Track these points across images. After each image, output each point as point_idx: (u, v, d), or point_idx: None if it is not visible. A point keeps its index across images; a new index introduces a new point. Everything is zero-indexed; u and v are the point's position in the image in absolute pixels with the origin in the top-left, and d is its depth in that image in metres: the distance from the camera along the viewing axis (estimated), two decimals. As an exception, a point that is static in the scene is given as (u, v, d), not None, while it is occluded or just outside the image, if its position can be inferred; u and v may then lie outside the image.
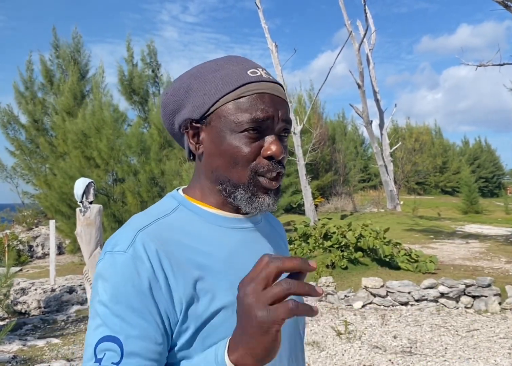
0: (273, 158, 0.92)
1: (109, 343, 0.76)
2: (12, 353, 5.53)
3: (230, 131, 0.90)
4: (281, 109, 0.94)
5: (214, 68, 0.95)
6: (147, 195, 11.45)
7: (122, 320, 0.78)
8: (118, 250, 0.82)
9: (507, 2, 9.98)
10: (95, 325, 0.79)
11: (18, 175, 18.83)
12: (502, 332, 5.79)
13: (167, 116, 1.00)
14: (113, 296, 0.79)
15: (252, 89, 0.91)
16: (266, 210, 0.93)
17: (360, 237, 8.72)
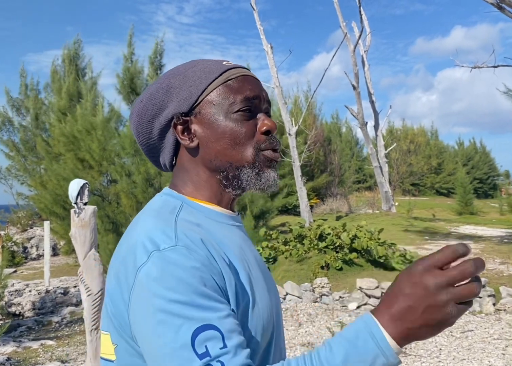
0: (269, 132, 0.95)
1: (204, 333, 0.73)
2: (6, 354, 5.51)
3: (224, 114, 0.93)
4: (263, 90, 0.99)
5: (190, 66, 0.98)
6: (142, 196, 11.42)
7: (204, 307, 0.75)
8: (167, 247, 0.79)
9: (501, 4, 10.03)
10: (175, 326, 0.73)
11: (13, 176, 18.80)
12: (496, 333, 5.81)
13: (144, 124, 0.98)
14: (184, 290, 0.75)
15: (235, 72, 0.96)
16: (272, 185, 0.95)
17: (354, 238, 8.73)
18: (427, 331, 0.72)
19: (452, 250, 0.73)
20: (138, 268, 0.79)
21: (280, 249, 9.35)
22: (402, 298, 0.73)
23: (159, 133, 0.98)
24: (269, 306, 0.91)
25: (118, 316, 0.84)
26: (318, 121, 26.17)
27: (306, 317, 6.69)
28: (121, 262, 0.84)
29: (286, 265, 8.94)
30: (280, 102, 16.87)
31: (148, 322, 0.76)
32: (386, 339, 0.72)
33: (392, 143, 23.08)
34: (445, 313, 0.70)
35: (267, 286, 0.95)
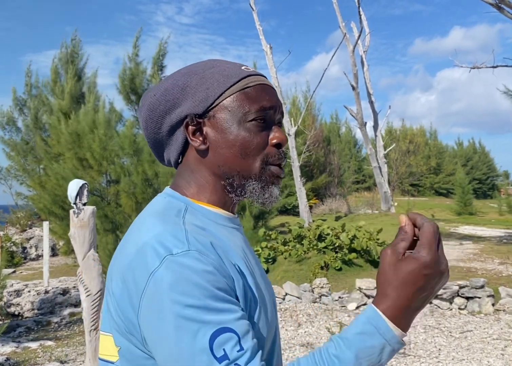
0: (280, 145, 0.95)
1: (221, 337, 0.74)
2: (5, 355, 5.51)
3: (237, 121, 0.92)
4: (279, 101, 0.98)
5: (209, 66, 0.96)
6: (141, 197, 11.42)
7: (220, 311, 0.75)
8: (179, 251, 0.78)
9: (500, 5, 10.04)
10: (192, 331, 0.73)
11: (12, 176, 18.82)
12: (495, 333, 5.81)
13: (154, 119, 0.96)
14: (199, 294, 0.75)
15: (253, 80, 0.94)
16: (274, 201, 0.95)
17: (354, 238, 8.73)
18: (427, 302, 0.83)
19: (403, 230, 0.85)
20: (151, 273, 0.78)
21: (279, 249, 9.35)
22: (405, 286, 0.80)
23: (168, 129, 0.97)
24: (271, 307, 0.92)
25: (125, 320, 0.83)
26: (318, 121, 26.19)
27: (305, 317, 6.69)
28: (129, 265, 0.82)
29: (286, 265, 8.94)
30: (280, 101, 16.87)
31: (164, 328, 0.76)
32: (391, 329, 0.79)
33: (391, 143, 23.10)
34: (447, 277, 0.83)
35: (268, 289, 0.96)
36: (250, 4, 17.05)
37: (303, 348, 5.41)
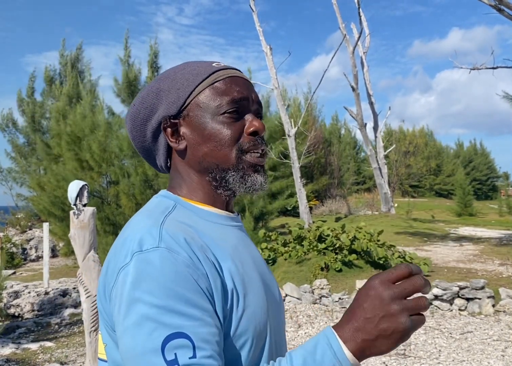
0: (257, 133, 0.95)
1: (175, 341, 0.72)
2: (5, 356, 5.51)
3: (210, 116, 0.93)
4: (253, 91, 0.99)
5: (180, 68, 0.98)
6: (141, 198, 11.42)
7: (180, 314, 0.74)
8: (149, 248, 0.78)
9: (499, 6, 10.04)
10: (148, 330, 0.73)
11: (12, 177, 18.84)
12: (495, 334, 5.81)
13: (137, 127, 0.99)
14: (162, 294, 0.74)
15: (223, 74, 0.95)
16: (259, 189, 0.95)
17: (354, 239, 8.72)
18: (384, 343, 0.75)
19: (406, 266, 0.78)
20: (120, 269, 0.79)
21: (279, 250, 9.34)
22: (360, 311, 0.76)
23: (152, 136, 0.99)
24: (264, 309, 0.90)
25: (107, 313, 0.84)
26: (318, 122, 26.20)
27: (305, 318, 6.69)
28: (110, 260, 0.85)
29: (286, 266, 8.93)
30: (279, 103, 16.87)
31: (124, 323, 0.76)
32: (343, 351, 0.75)
33: (390, 144, 23.09)
34: (398, 322, 0.74)
35: (265, 288, 0.95)
36: (250, 5, 17.05)
37: (303, 349, 5.41)
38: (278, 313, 1.00)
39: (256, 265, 0.97)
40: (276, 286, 1.05)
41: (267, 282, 0.98)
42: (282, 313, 1.04)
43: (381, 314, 0.74)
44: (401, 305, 0.74)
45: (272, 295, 0.99)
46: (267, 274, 1.02)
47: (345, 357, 0.74)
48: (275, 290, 1.03)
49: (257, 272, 0.95)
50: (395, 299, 0.75)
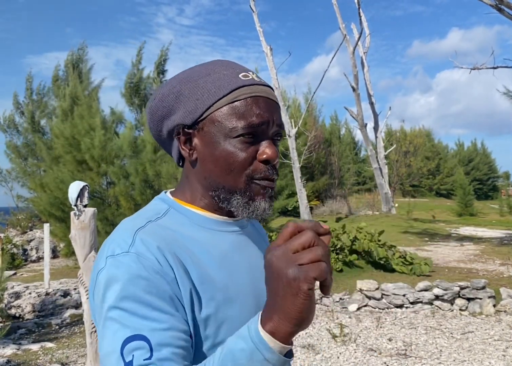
0: (269, 162, 0.91)
1: (134, 343, 0.73)
2: (6, 357, 5.50)
3: (224, 136, 0.89)
4: (275, 113, 0.93)
5: (205, 72, 0.93)
6: (140, 198, 11.42)
7: (142, 317, 0.75)
8: (119, 253, 0.80)
9: (500, 6, 10.04)
10: (112, 331, 0.75)
11: (13, 178, 18.87)
12: (496, 334, 5.81)
13: (155, 122, 0.97)
14: (125, 297, 0.76)
15: (245, 92, 0.89)
16: (261, 215, 0.92)
17: (355, 239, 8.72)
18: (289, 304, 0.68)
19: (293, 223, 0.72)
20: (98, 272, 0.82)
21: (280, 250, 9.33)
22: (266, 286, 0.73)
23: (167, 134, 0.98)
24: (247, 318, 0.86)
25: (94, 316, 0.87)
26: (318, 123, 26.20)
27: (306, 319, 6.68)
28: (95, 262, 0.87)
29: (286, 266, 8.93)
30: (280, 104, 16.87)
31: (98, 323, 0.81)
32: (260, 333, 0.70)
33: (391, 144, 23.08)
34: (284, 275, 0.68)
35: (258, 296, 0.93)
36: (250, 5, 17.06)
37: (304, 349, 5.40)
38: None
39: (250, 272, 0.95)
40: None
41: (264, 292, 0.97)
42: None
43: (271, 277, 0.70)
44: (284, 259, 0.68)
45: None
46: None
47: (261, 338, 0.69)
48: None
49: (250, 280, 0.94)
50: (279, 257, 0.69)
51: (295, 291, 0.67)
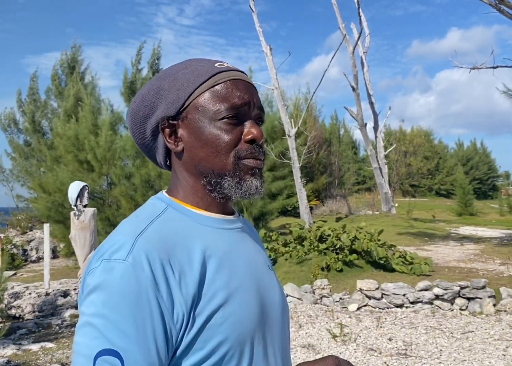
0: (254, 141, 0.93)
1: (109, 357, 0.73)
2: (6, 357, 5.50)
3: (209, 120, 0.91)
4: (255, 95, 0.96)
5: (182, 67, 0.96)
6: (142, 199, 11.42)
7: (123, 333, 0.74)
8: (116, 258, 0.79)
9: (500, 5, 10.04)
10: (92, 335, 0.75)
11: (14, 178, 18.88)
12: (496, 333, 5.81)
13: (137, 124, 0.97)
14: (113, 308, 0.75)
15: (224, 77, 0.93)
16: (255, 193, 0.93)
17: (355, 239, 8.73)
18: None
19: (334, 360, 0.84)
20: (89, 271, 0.81)
21: (280, 250, 9.34)
22: None
23: (151, 134, 0.97)
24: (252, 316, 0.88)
25: None
26: (318, 123, 26.19)
27: (306, 318, 6.68)
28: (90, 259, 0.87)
29: (286, 266, 8.93)
30: (280, 103, 16.87)
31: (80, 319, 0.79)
32: None
33: (391, 144, 23.08)
34: None
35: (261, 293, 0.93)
36: (250, 5, 17.06)
37: (304, 349, 5.41)
38: (277, 318, 0.98)
39: (252, 270, 0.95)
40: (277, 291, 1.02)
41: (265, 287, 0.97)
42: (284, 317, 1.02)
43: None
44: None
45: (270, 300, 0.97)
46: (266, 278, 1.00)
47: None
48: (275, 295, 1.00)
49: (253, 277, 0.94)
50: None
51: None
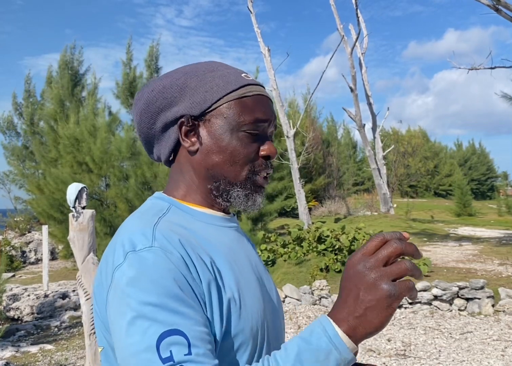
0: (269, 157, 0.97)
1: (171, 338, 0.72)
2: (5, 359, 5.50)
3: (231, 129, 0.92)
4: (274, 113, 0.99)
5: (210, 68, 0.97)
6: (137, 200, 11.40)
7: (175, 312, 0.74)
8: (142, 248, 0.79)
9: (497, 6, 10.05)
10: (143, 328, 0.73)
11: (11, 180, 18.86)
12: (495, 334, 5.81)
13: (149, 114, 0.97)
14: (156, 292, 0.75)
15: (252, 90, 0.95)
16: (256, 209, 0.97)
17: (353, 240, 8.73)
18: (373, 315, 0.74)
19: (378, 235, 0.78)
20: (115, 269, 0.80)
21: (278, 251, 9.34)
22: (345, 292, 0.77)
23: (162, 126, 0.97)
24: (260, 310, 0.90)
25: (102, 315, 0.85)
26: (317, 123, 26.21)
27: (305, 319, 6.68)
28: (103, 261, 0.86)
29: (285, 267, 8.93)
30: (278, 104, 16.88)
31: (120, 322, 0.76)
32: (338, 334, 0.74)
33: (389, 145, 23.09)
34: (380, 289, 0.73)
35: (262, 290, 0.95)
36: (248, 7, 17.07)
37: (303, 350, 5.41)
38: (276, 316, 1.00)
39: (252, 267, 0.97)
40: (274, 289, 1.05)
41: (264, 284, 0.99)
42: (280, 316, 1.04)
43: (362, 287, 0.74)
44: (379, 272, 0.74)
45: (269, 297, 0.99)
46: (264, 276, 1.02)
47: (340, 340, 0.74)
48: (273, 293, 1.03)
49: (253, 274, 0.95)
50: (372, 269, 0.74)
51: (385, 306, 0.73)
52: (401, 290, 0.73)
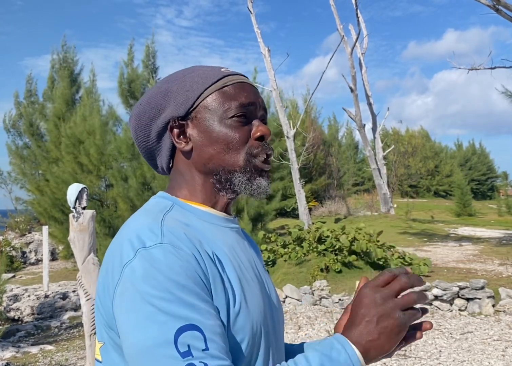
0: (263, 138, 0.97)
1: (188, 333, 0.73)
2: (5, 360, 5.50)
3: (218, 119, 0.94)
4: (260, 97, 1.01)
5: (188, 71, 1.00)
6: (138, 200, 11.41)
7: (190, 306, 0.75)
8: (152, 244, 0.80)
9: (497, 6, 10.05)
10: (160, 323, 0.74)
11: (12, 180, 18.87)
12: (496, 334, 5.81)
13: (142, 126, 0.99)
14: (171, 287, 0.75)
15: (232, 79, 0.97)
16: (263, 192, 0.97)
17: (354, 240, 8.72)
18: (386, 340, 0.83)
19: (389, 271, 0.88)
20: (124, 265, 0.80)
21: (279, 252, 9.34)
22: (359, 317, 0.85)
23: (156, 135, 0.99)
24: (261, 310, 0.91)
25: (105, 311, 0.85)
26: (317, 124, 26.20)
27: (305, 320, 6.68)
28: (109, 258, 0.85)
29: (285, 268, 8.93)
30: (278, 105, 16.89)
31: (132, 317, 0.76)
32: (356, 353, 0.82)
33: (389, 145, 23.09)
34: (394, 318, 0.82)
35: (262, 290, 0.96)
36: (248, 7, 17.07)
37: (303, 350, 5.40)
38: (276, 316, 1.00)
39: (253, 267, 0.97)
40: (274, 290, 1.05)
41: (264, 284, 0.99)
42: (280, 316, 1.04)
43: (378, 315, 0.83)
44: (392, 303, 0.83)
45: (269, 297, 0.99)
46: (264, 277, 1.02)
47: (357, 358, 0.81)
48: (273, 293, 1.03)
49: (254, 274, 0.96)
50: (387, 299, 0.84)
51: (396, 333, 0.83)
52: (410, 318, 0.84)
